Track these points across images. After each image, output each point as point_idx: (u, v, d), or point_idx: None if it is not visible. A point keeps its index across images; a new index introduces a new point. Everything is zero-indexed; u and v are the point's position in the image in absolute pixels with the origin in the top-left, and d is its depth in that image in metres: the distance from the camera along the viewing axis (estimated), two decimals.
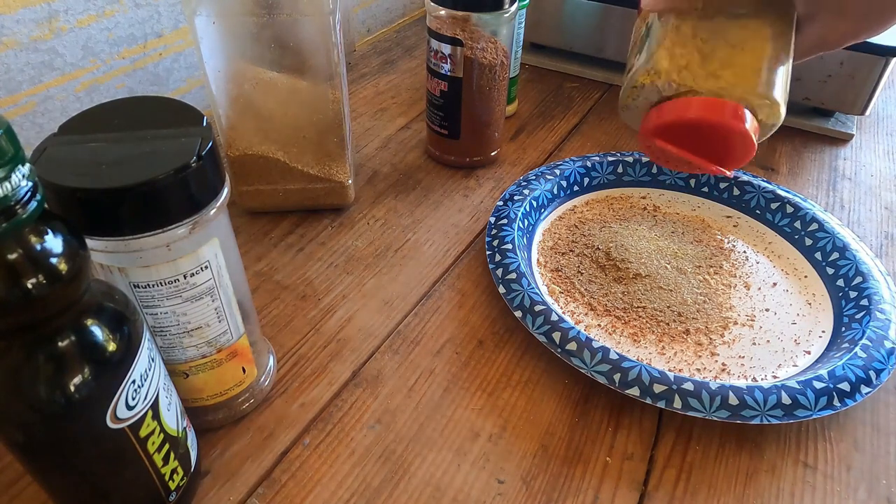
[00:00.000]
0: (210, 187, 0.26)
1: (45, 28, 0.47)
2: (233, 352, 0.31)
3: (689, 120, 0.28)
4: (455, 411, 0.35)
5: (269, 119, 0.44)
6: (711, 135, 0.28)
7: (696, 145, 0.29)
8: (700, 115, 0.28)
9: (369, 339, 0.39)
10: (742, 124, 0.28)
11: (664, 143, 0.29)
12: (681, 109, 0.28)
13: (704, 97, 0.28)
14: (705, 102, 0.27)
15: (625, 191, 0.52)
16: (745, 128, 0.28)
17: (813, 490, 0.32)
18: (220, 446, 0.33)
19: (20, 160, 0.18)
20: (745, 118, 0.28)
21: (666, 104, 0.29)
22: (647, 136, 0.29)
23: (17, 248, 0.19)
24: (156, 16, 0.55)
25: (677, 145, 0.29)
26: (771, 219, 0.49)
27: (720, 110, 0.27)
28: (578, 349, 0.35)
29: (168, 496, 0.28)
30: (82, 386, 0.21)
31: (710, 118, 0.27)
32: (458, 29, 0.48)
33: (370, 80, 0.70)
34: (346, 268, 0.45)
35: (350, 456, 0.33)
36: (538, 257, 0.46)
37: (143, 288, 0.26)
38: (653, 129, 0.29)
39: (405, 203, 0.51)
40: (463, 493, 0.31)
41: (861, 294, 0.40)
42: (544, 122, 0.63)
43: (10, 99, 0.47)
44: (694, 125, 0.28)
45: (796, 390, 0.33)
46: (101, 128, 0.26)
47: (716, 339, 0.39)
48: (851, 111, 0.61)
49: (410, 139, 0.60)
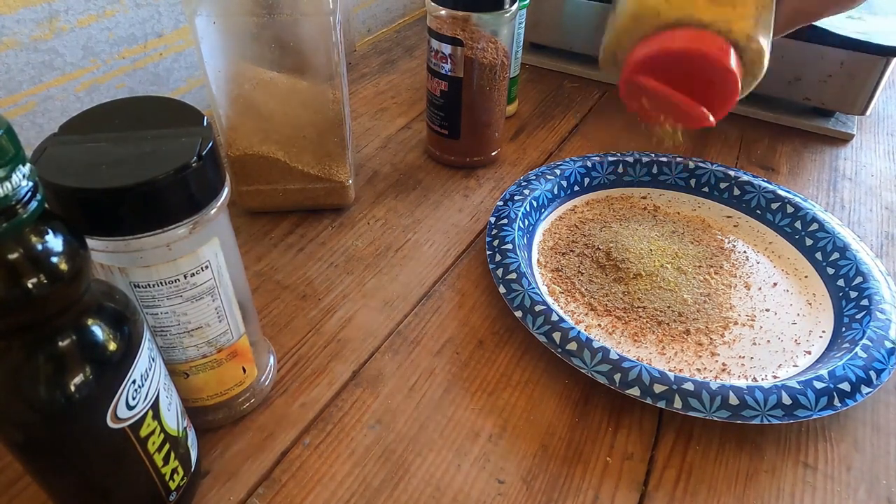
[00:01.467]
0: (210, 187, 0.26)
1: (45, 28, 0.47)
2: (233, 352, 0.31)
3: (676, 50, 0.27)
4: (455, 411, 0.35)
5: (269, 119, 0.44)
6: (695, 73, 0.28)
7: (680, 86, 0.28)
8: (687, 45, 0.27)
9: (369, 339, 0.39)
10: (728, 59, 0.27)
11: (648, 80, 0.28)
12: (667, 40, 0.27)
13: (691, 29, 0.27)
14: (692, 33, 0.27)
15: (625, 191, 0.52)
16: (730, 63, 0.27)
17: (813, 490, 0.32)
18: (220, 446, 0.33)
19: (20, 160, 0.18)
20: (730, 54, 0.27)
21: (651, 37, 0.28)
22: (632, 72, 0.29)
23: (18, 248, 0.19)
24: (156, 16, 0.55)
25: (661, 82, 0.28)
26: (771, 219, 0.49)
27: (707, 42, 0.27)
28: (578, 349, 0.35)
29: (168, 496, 0.28)
30: (82, 386, 0.21)
31: (697, 49, 0.27)
32: (459, 29, 0.48)
33: (370, 80, 0.70)
34: (346, 268, 0.45)
35: (350, 456, 0.33)
36: (538, 257, 0.46)
37: (143, 288, 0.26)
38: (638, 61, 0.28)
39: (405, 203, 0.51)
40: (463, 493, 0.31)
41: (861, 294, 0.40)
42: (544, 122, 0.63)
43: (11, 99, 0.47)
44: (680, 57, 0.27)
45: (796, 390, 0.33)
46: (102, 128, 0.26)
47: (716, 339, 0.39)
48: (852, 111, 0.61)
49: (410, 139, 0.60)
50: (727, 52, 0.27)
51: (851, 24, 0.59)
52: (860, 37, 0.56)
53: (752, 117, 0.65)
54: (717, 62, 0.27)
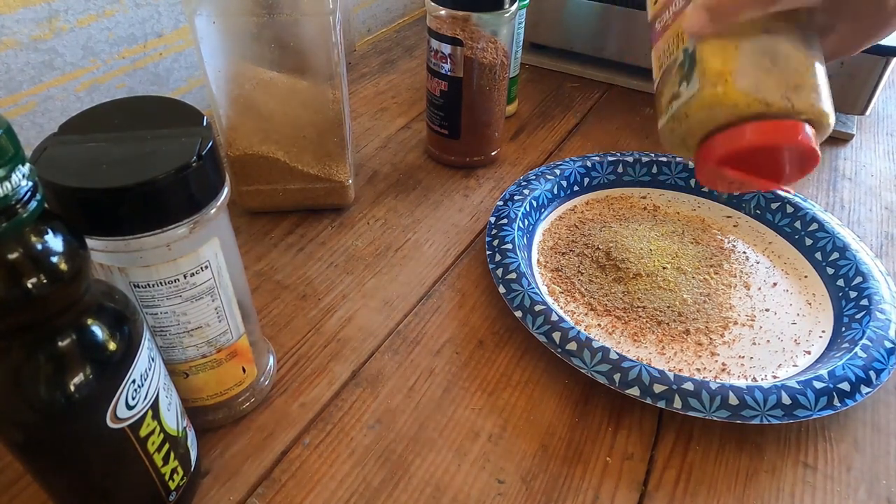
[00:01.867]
0: (210, 187, 0.26)
1: (45, 28, 0.47)
2: (233, 352, 0.31)
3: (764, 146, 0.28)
4: (455, 411, 0.35)
5: (269, 119, 0.44)
6: (778, 158, 0.28)
7: (759, 167, 0.29)
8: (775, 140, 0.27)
9: (369, 339, 0.39)
10: (811, 143, 0.28)
11: (733, 171, 0.29)
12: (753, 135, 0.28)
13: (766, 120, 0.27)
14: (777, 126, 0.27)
15: (625, 191, 0.52)
16: (814, 146, 0.28)
17: (813, 490, 0.32)
18: (220, 446, 0.33)
19: (20, 160, 0.18)
20: (811, 136, 0.28)
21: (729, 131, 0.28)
22: (714, 164, 0.29)
23: (18, 248, 0.19)
24: (156, 16, 0.55)
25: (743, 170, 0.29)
26: (771, 219, 0.49)
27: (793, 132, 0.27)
28: (578, 349, 0.35)
29: (168, 496, 0.28)
30: (82, 386, 0.21)
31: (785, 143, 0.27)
32: (458, 29, 0.48)
33: (370, 80, 0.70)
34: (346, 268, 0.45)
35: (350, 456, 0.33)
36: (538, 257, 0.46)
37: (143, 288, 0.26)
38: (722, 157, 0.29)
39: (405, 203, 0.51)
40: (463, 493, 0.31)
41: (861, 294, 0.40)
42: (544, 122, 0.63)
43: (11, 99, 0.47)
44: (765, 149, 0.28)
45: (796, 390, 0.33)
46: (101, 128, 0.26)
47: (716, 338, 0.39)
48: (851, 111, 0.61)
49: (410, 139, 0.60)
50: (809, 136, 0.28)
51: None
52: None
53: None
54: (802, 148, 0.27)
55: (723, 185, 0.31)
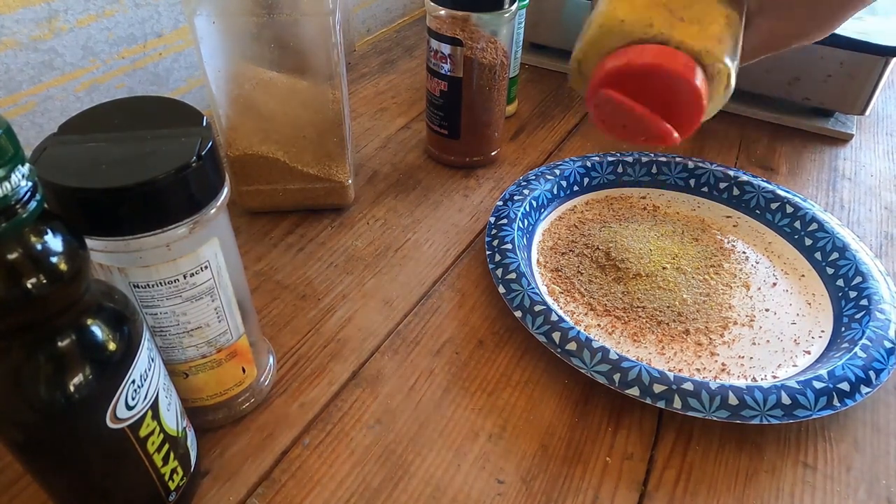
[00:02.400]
0: (210, 187, 0.26)
1: (45, 28, 0.47)
2: (233, 352, 0.31)
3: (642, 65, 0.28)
4: (455, 411, 0.35)
5: (269, 119, 0.44)
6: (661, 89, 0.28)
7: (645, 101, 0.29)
8: (654, 60, 0.28)
9: (369, 339, 0.39)
10: (693, 76, 0.28)
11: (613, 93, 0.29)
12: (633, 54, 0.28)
13: (658, 45, 0.28)
14: (659, 49, 0.28)
15: (625, 191, 0.52)
16: (696, 80, 0.28)
17: (813, 490, 0.32)
18: (219, 446, 0.33)
19: (20, 160, 0.18)
20: (696, 72, 0.28)
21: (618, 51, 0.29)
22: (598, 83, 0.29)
23: (17, 248, 0.19)
24: (156, 16, 0.55)
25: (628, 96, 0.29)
26: (771, 219, 0.49)
27: (674, 59, 0.27)
28: (578, 349, 0.35)
29: (168, 496, 0.28)
30: (82, 386, 0.21)
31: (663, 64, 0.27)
32: (458, 29, 0.48)
33: (370, 80, 0.70)
34: (346, 268, 0.45)
35: (350, 456, 0.33)
36: (538, 257, 0.46)
37: (142, 288, 0.26)
38: (605, 74, 0.29)
39: (405, 203, 0.51)
40: (463, 493, 0.31)
41: (861, 294, 0.40)
42: (544, 122, 0.63)
43: (10, 99, 0.47)
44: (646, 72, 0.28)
45: (796, 390, 0.33)
46: (101, 128, 0.26)
47: (715, 338, 0.39)
48: (851, 111, 0.61)
49: (410, 139, 0.60)
50: (693, 69, 0.28)
51: (851, 24, 0.59)
52: (860, 37, 0.56)
53: (752, 117, 0.65)
54: (682, 79, 0.27)
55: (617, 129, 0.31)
